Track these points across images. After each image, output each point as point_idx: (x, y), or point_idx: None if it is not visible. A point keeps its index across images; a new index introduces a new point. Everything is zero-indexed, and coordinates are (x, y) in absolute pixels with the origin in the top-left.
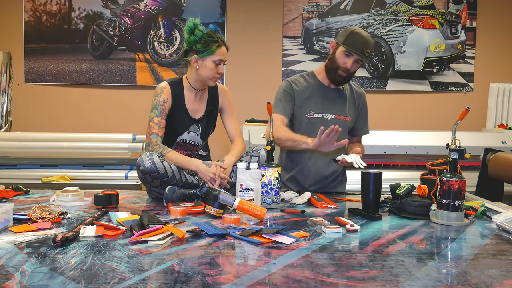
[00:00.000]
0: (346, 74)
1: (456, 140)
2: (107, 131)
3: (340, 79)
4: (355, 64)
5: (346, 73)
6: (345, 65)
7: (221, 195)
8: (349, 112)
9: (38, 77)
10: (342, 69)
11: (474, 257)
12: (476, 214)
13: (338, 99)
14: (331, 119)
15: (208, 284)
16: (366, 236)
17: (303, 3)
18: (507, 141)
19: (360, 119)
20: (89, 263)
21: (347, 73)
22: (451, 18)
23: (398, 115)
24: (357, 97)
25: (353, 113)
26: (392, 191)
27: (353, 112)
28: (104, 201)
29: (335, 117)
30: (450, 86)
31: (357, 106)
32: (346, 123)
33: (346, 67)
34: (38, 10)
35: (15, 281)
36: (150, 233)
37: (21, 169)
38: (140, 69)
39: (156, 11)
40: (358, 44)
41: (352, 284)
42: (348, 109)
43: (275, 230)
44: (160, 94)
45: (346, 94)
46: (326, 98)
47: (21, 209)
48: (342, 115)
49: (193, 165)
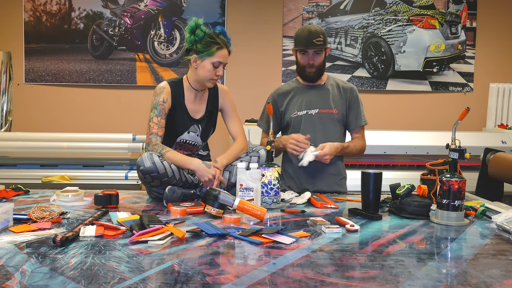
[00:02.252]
0: (314, 68)
1: (456, 140)
2: (107, 131)
3: (311, 75)
4: (315, 55)
5: (312, 68)
6: (307, 62)
7: (221, 195)
8: (334, 105)
9: (38, 77)
10: (307, 66)
11: (474, 257)
12: (476, 214)
13: (319, 94)
14: (315, 114)
15: (208, 284)
16: (366, 236)
17: (303, 3)
18: (507, 141)
19: (353, 112)
20: (89, 263)
21: (313, 68)
22: (451, 18)
23: (398, 115)
24: (343, 91)
25: (340, 106)
26: (392, 191)
27: (341, 105)
28: (104, 201)
29: (319, 111)
30: (450, 86)
31: (346, 99)
32: (333, 116)
33: (308, 63)
34: (38, 10)
35: (15, 281)
36: (150, 233)
37: (21, 169)
38: (140, 69)
39: (156, 11)
40: (304, 40)
41: (352, 284)
42: (332, 102)
43: (275, 230)
44: (160, 94)
45: (328, 88)
46: (308, 96)
47: (21, 209)
48: (326, 108)
49: (192, 164)
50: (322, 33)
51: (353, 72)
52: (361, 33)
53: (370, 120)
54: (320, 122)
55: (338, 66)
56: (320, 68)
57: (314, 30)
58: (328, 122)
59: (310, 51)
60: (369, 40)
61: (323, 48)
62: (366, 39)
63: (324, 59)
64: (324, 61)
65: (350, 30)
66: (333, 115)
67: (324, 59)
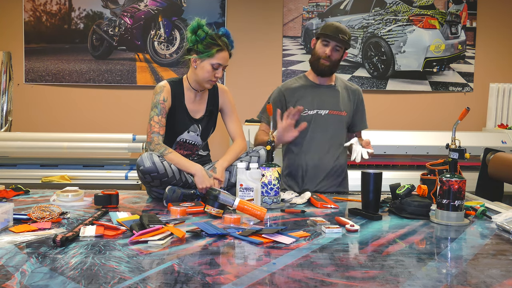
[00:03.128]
0: (329, 62)
1: (456, 140)
2: (107, 131)
3: (323, 67)
4: (335, 51)
5: (327, 61)
6: (325, 53)
7: (221, 195)
8: (343, 107)
9: (38, 77)
10: (323, 58)
11: (474, 257)
12: (476, 214)
13: (330, 94)
14: (325, 115)
15: (208, 284)
16: (366, 236)
17: (303, 3)
18: (507, 141)
19: (358, 114)
20: (89, 263)
21: (329, 61)
22: (451, 18)
23: (398, 115)
24: (352, 92)
25: (349, 108)
26: (392, 191)
27: (349, 107)
28: (104, 201)
29: (329, 112)
30: (450, 86)
31: (353, 101)
32: (342, 118)
33: (327, 54)
34: (38, 10)
35: (15, 281)
36: (150, 233)
37: (21, 169)
38: (140, 69)
39: (156, 11)
40: (331, 31)
41: (352, 284)
42: (342, 104)
43: (275, 230)
44: (160, 93)
45: (339, 90)
46: (318, 95)
47: (21, 209)
48: (336, 110)
49: (193, 169)
50: (349, 34)
51: (353, 72)
52: (361, 33)
53: (370, 120)
54: (329, 123)
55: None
56: (334, 65)
57: (343, 28)
58: (337, 124)
59: (332, 43)
60: (369, 40)
61: (345, 46)
62: (366, 39)
63: (340, 58)
64: (339, 61)
65: (350, 30)
66: (342, 117)
67: (340, 59)
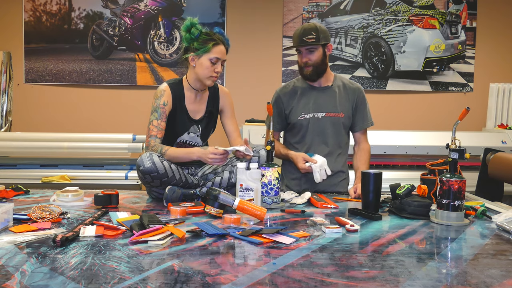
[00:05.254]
0: (310, 67)
1: (456, 140)
2: (107, 131)
3: (308, 73)
4: (309, 54)
5: (309, 66)
6: (302, 61)
7: (221, 195)
8: (340, 108)
9: (38, 77)
10: (304, 65)
11: (474, 257)
12: (476, 214)
13: (328, 97)
14: (322, 117)
15: (208, 284)
16: (366, 236)
17: (303, 3)
18: (507, 141)
19: (359, 113)
20: (89, 263)
21: (310, 66)
22: (451, 18)
23: (398, 115)
24: (351, 92)
25: (346, 108)
26: (392, 191)
27: (347, 108)
28: (104, 201)
29: (325, 114)
30: (450, 86)
31: (353, 100)
32: (339, 119)
33: (303, 62)
34: (38, 10)
35: (15, 281)
36: (150, 233)
37: (21, 169)
38: (140, 69)
39: (156, 11)
40: (295, 39)
41: (352, 284)
42: (339, 105)
43: (275, 230)
44: (161, 97)
45: (336, 91)
46: (315, 98)
47: (21, 209)
48: (333, 112)
49: (195, 154)
50: (315, 30)
51: (353, 72)
52: (361, 33)
53: None
54: (327, 126)
55: (338, 66)
56: (317, 67)
57: (307, 28)
58: (334, 126)
59: (302, 49)
60: (369, 40)
61: (315, 45)
62: (366, 39)
63: (321, 57)
64: (321, 59)
65: (350, 30)
66: (339, 119)
67: (321, 57)
